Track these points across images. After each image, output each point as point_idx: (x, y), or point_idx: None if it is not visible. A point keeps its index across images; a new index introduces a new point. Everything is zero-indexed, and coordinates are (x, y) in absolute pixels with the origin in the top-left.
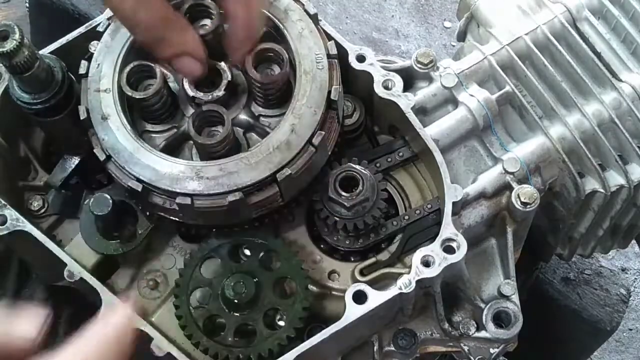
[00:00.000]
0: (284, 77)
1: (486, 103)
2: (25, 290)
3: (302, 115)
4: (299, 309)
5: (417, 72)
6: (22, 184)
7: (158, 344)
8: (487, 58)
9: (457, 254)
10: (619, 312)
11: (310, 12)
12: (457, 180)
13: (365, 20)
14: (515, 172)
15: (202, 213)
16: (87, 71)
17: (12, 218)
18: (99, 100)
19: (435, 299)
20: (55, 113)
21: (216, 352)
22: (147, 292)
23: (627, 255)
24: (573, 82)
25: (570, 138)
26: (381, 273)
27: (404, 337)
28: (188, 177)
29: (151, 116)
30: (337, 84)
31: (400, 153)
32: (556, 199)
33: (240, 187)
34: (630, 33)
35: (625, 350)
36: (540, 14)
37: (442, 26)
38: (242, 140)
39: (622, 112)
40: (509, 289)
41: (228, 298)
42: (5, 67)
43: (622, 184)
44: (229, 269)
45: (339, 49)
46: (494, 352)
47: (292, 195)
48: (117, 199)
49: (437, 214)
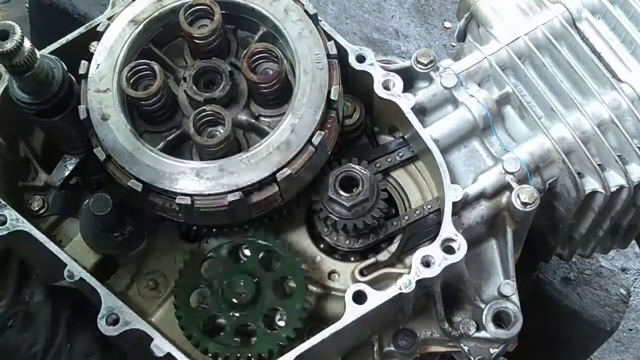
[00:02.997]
0: (280, 75)
1: (486, 103)
2: (25, 290)
3: (302, 115)
4: (299, 309)
5: (417, 72)
6: (22, 184)
7: (158, 344)
8: (487, 58)
9: (457, 254)
10: (619, 312)
11: (310, 12)
12: (457, 180)
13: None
14: (515, 172)
15: (202, 213)
16: (87, 71)
17: (12, 218)
18: (99, 101)
19: (435, 299)
20: (55, 113)
21: (216, 352)
22: (147, 292)
23: (627, 255)
24: (573, 82)
25: (570, 138)
26: (381, 273)
27: (404, 337)
28: (188, 177)
29: (151, 116)
30: (337, 84)
31: (400, 153)
32: (556, 199)
33: (240, 187)
34: (630, 33)
35: (625, 350)
36: (540, 14)
37: (442, 26)
38: (242, 140)
39: (622, 112)
40: (509, 289)
41: (228, 298)
42: (5, 67)
43: (622, 184)
44: (229, 269)
45: (339, 49)
46: (494, 352)
47: (292, 195)
48: (117, 199)
49: (437, 214)
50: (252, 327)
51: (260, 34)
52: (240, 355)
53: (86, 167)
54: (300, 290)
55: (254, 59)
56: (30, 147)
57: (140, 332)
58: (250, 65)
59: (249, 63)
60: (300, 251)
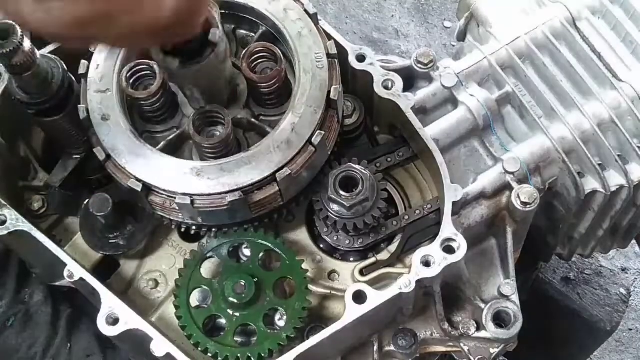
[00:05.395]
0: (279, 75)
1: (486, 103)
2: (25, 290)
3: (302, 115)
4: (299, 309)
5: (417, 72)
6: (22, 184)
7: (158, 344)
8: (487, 58)
9: (457, 254)
10: (619, 312)
11: (310, 11)
12: (457, 180)
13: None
14: (515, 172)
15: (202, 213)
16: (87, 71)
17: (12, 218)
18: (99, 101)
19: (435, 299)
20: (55, 113)
21: (216, 352)
22: (147, 292)
23: (627, 255)
24: (573, 82)
25: (570, 138)
26: (381, 273)
27: (404, 337)
28: (188, 177)
29: (151, 116)
30: (337, 84)
31: (400, 153)
32: (556, 199)
33: (241, 186)
34: (630, 33)
35: (625, 350)
36: (540, 14)
37: (442, 26)
38: (242, 140)
39: (622, 112)
40: (509, 289)
41: (228, 298)
42: (5, 67)
43: (622, 184)
44: (229, 269)
45: (338, 48)
46: (494, 352)
47: (292, 195)
48: (117, 199)
49: (437, 214)
50: (252, 327)
51: (260, 33)
52: (240, 355)
53: (86, 167)
54: (300, 290)
55: (253, 58)
56: (30, 147)
57: (140, 332)
58: (250, 65)
59: (249, 63)
60: (300, 251)
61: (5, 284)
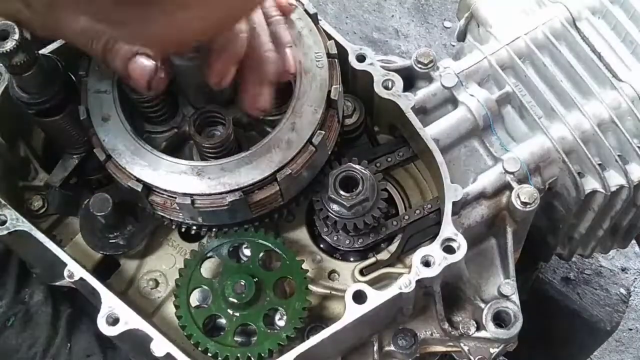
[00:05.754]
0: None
1: (486, 103)
2: (25, 290)
3: (303, 115)
4: (299, 309)
5: (417, 72)
6: (22, 184)
7: (158, 344)
8: (487, 58)
9: (457, 254)
10: (619, 312)
11: (310, 11)
12: (457, 180)
13: (365, 20)
14: (515, 172)
15: (202, 212)
16: (87, 71)
17: (12, 218)
18: (99, 101)
19: (435, 299)
20: (55, 113)
21: (216, 352)
22: (147, 292)
23: (627, 255)
24: (573, 82)
25: (570, 138)
26: (381, 273)
27: (404, 337)
28: (189, 177)
29: (152, 117)
30: (337, 84)
31: (400, 153)
32: (556, 199)
33: (241, 186)
34: (630, 33)
35: (625, 350)
36: (540, 14)
37: (442, 26)
38: (243, 140)
39: (622, 112)
40: (509, 289)
41: (228, 298)
42: (5, 67)
43: (622, 184)
44: (229, 269)
45: (338, 48)
46: (494, 352)
47: (292, 194)
48: (117, 199)
49: (437, 214)
50: (252, 327)
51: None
52: (240, 355)
53: (86, 167)
54: (300, 290)
55: None
56: (30, 147)
57: (140, 332)
58: None
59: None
60: (300, 251)
61: (5, 284)
